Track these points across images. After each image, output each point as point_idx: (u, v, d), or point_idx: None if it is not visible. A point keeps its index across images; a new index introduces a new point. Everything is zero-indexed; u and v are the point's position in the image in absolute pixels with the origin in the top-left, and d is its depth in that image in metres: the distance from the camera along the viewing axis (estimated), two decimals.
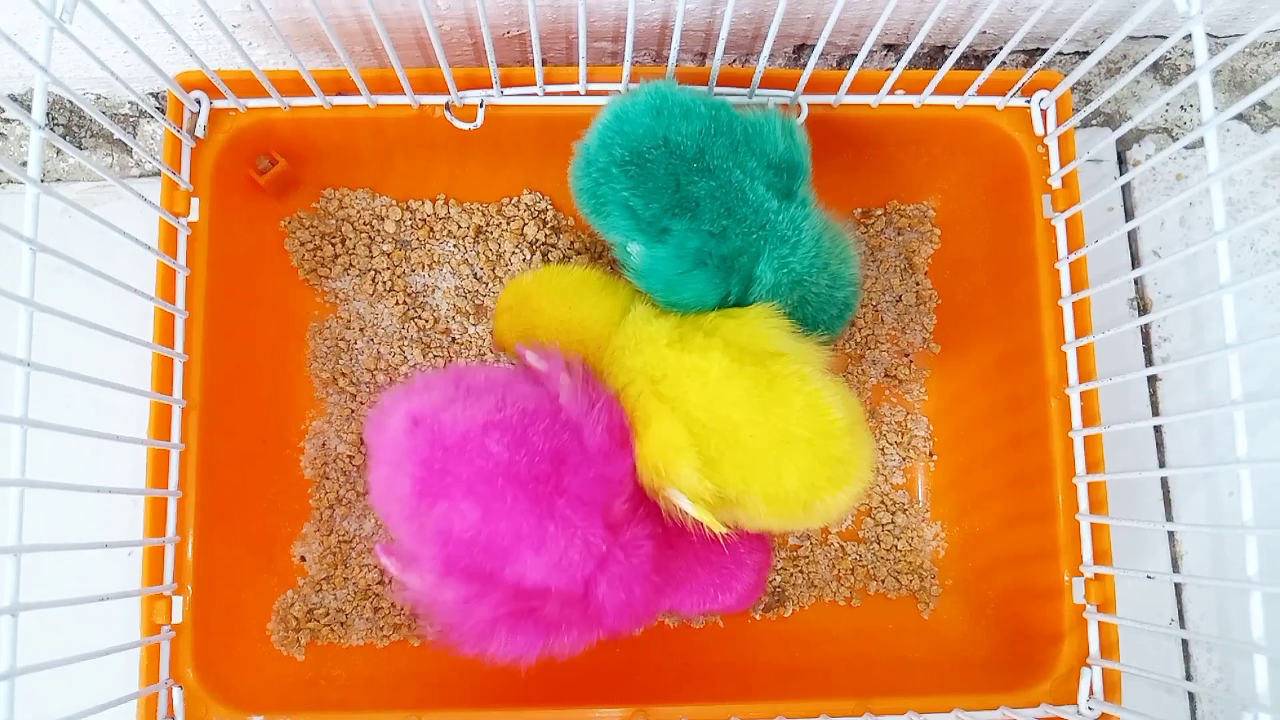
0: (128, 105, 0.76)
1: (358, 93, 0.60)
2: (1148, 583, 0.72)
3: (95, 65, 0.51)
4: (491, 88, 0.60)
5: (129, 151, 0.75)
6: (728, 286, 0.57)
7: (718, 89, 0.61)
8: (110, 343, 0.52)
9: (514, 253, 0.71)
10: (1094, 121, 0.79)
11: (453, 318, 0.71)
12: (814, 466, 0.52)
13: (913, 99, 0.63)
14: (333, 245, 0.70)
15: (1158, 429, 0.75)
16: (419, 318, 0.71)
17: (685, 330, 0.56)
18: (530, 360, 0.55)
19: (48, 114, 0.70)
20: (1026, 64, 0.77)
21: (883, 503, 0.71)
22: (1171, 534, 0.74)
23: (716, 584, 0.60)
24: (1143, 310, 0.76)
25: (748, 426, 0.52)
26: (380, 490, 0.53)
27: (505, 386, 0.53)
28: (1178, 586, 0.73)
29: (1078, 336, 0.61)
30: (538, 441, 0.50)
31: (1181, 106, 0.79)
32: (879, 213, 0.74)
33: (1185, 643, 0.72)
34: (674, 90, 0.55)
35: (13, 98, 0.72)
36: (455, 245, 0.72)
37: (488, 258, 0.71)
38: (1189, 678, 0.72)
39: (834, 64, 0.76)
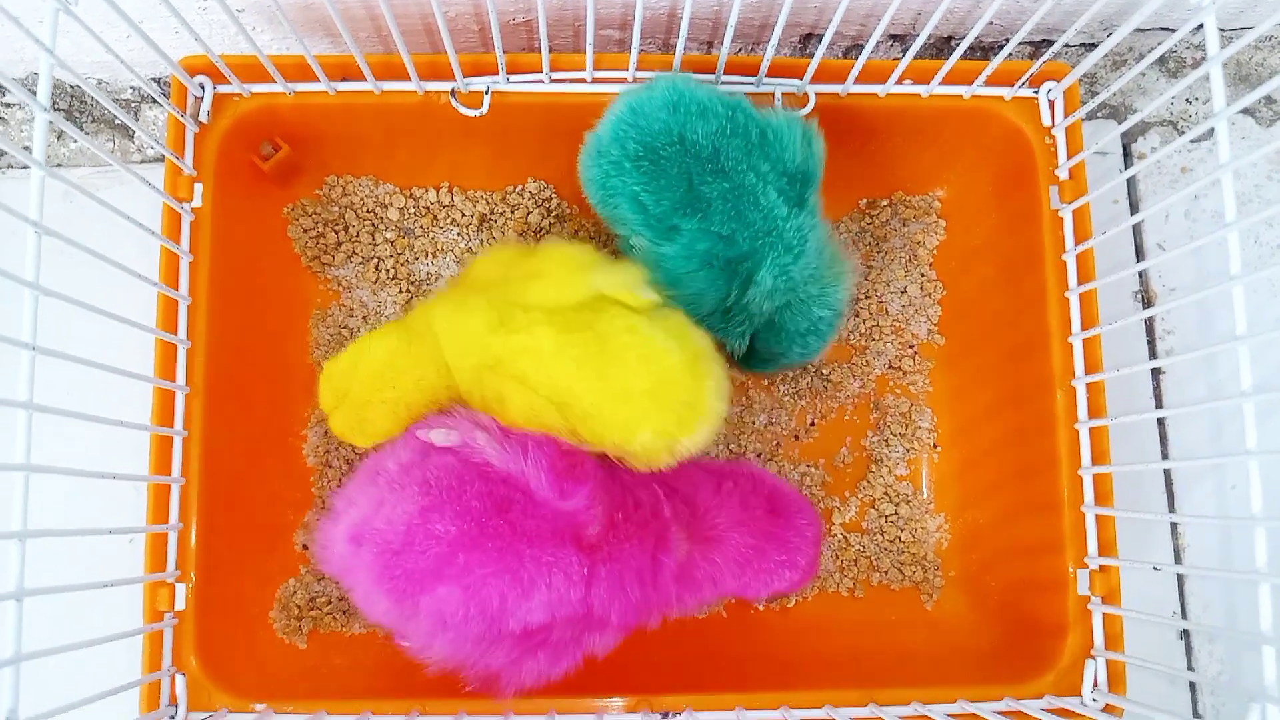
0: (129, 90, 0.76)
1: (363, 78, 0.59)
2: (1148, 575, 0.72)
3: (97, 49, 0.51)
4: (497, 74, 0.60)
5: (130, 136, 0.75)
6: (729, 288, 0.57)
7: (725, 77, 0.61)
8: (113, 328, 0.51)
9: (518, 241, 0.71)
10: (1099, 114, 0.78)
11: None
12: (661, 415, 0.52)
13: (920, 89, 0.63)
14: (336, 232, 0.70)
15: (1161, 421, 0.75)
16: None
17: (502, 311, 0.54)
18: (438, 441, 0.54)
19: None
20: (1034, 55, 0.76)
21: (886, 494, 0.71)
22: (1174, 526, 0.74)
23: (783, 560, 0.60)
24: (1147, 303, 0.76)
25: (589, 394, 0.52)
26: (366, 609, 0.53)
27: (422, 465, 0.52)
28: (1179, 578, 0.73)
29: (1084, 329, 0.61)
30: (476, 504, 0.50)
31: (1187, 100, 0.79)
32: (884, 203, 0.74)
33: (1187, 634, 0.72)
34: (691, 86, 0.55)
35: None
36: (459, 233, 0.71)
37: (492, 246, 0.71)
38: (1191, 668, 0.72)
39: (841, 54, 0.76)
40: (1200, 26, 0.51)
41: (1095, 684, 0.58)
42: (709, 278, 0.56)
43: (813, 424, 0.72)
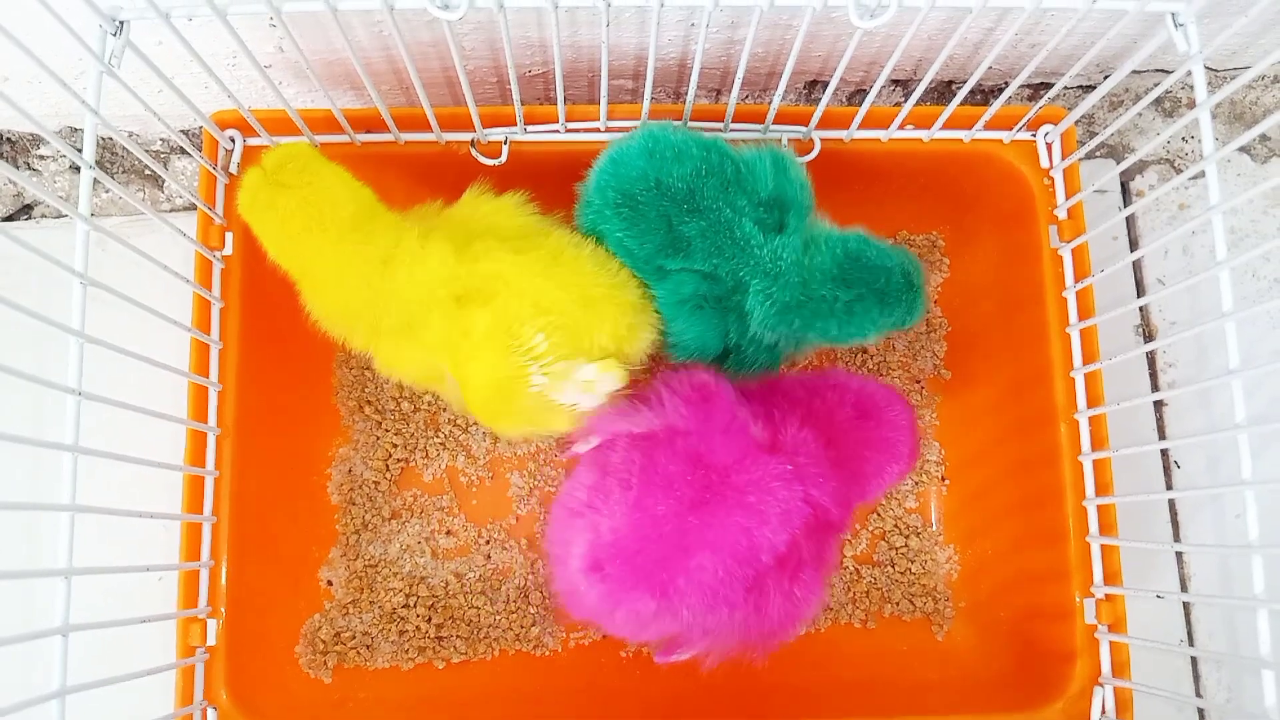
0: (159, 141, 0.78)
1: (386, 130, 0.62)
2: (1158, 603, 0.73)
3: (130, 102, 0.53)
4: (515, 125, 0.63)
5: (160, 186, 0.78)
6: (726, 326, 0.59)
7: (733, 125, 0.63)
8: (144, 371, 0.53)
9: None
10: (1098, 154, 0.80)
11: None
12: (617, 317, 0.56)
13: (922, 134, 0.65)
14: None
15: (1165, 452, 0.76)
16: None
17: (459, 242, 0.55)
18: (584, 449, 0.56)
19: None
20: (1032, 98, 0.79)
21: (896, 526, 0.73)
22: (1180, 555, 0.75)
23: (884, 458, 0.59)
24: (1148, 337, 0.78)
25: (557, 306, 0.54)
26: (638, 629, 0.53)
27: (603, 473, 0.54)
28: (1186, 606, 0.74)
29: (1085, 363, 0.62)
30: (674, 468, 0.51)
31: (1184, 138, 0.81)
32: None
33: (1195, 661, 0.73)
34: (667, 132, 0.57)
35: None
36: None
37: None
38: (1199, 696, 0.73)
39: (844, 99, 0.79)
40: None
41: (1103, 711, 0.59)
42: (703, 320, 0.58)
43: None
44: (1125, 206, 0.77)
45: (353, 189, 0.56)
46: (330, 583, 0.70)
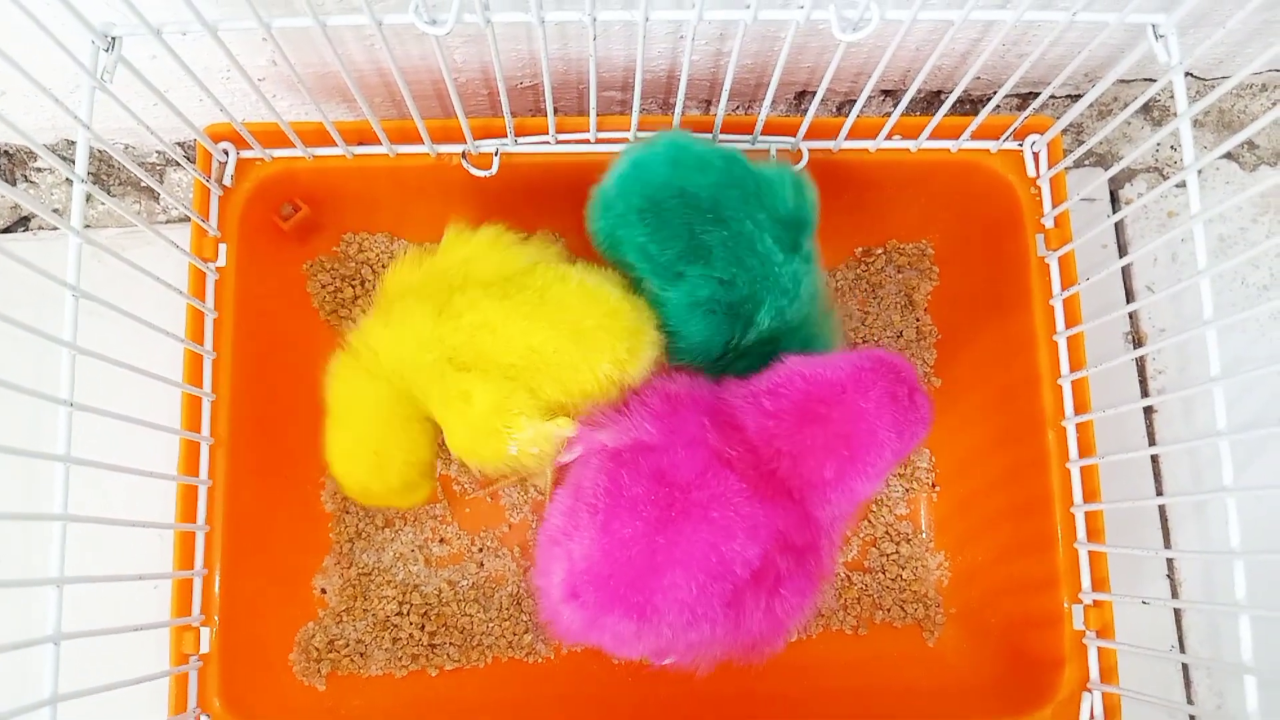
0: (155, 154, 0.79)
1: (378, 142, 0.63)
2: (1150, 609, 0.74)
3: (125, 116, 0.54)
4: (506, 137, 0.63)
5: (155, 198, 0.78)
6: (732, 331, 0.59)
7: (722, 135, 0.64)
8: (138, 382, 0.54)
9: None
10: (1087, 161, 0.81)
11: None
12: (615, 345, 0.56)
13: (909, 144, 0.65)
14: (353, 287, 0.73)
15: (1155, 459, 0.76)
16: None
17: (438, 302, 0.57)
18: (569, 457, 0.57)
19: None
20: (1020, 107, 0.79)
21: (887, 533, 0.73)
22: (1171, 561, 0.75)
23: (854, 455, 0.53)
24: (1137, 344, 0.78)
25: (549, 344, 0.55)
26: (622, 645, 0.53)
27: (574, 498, 0.55)
28: (1177, 612, 0.74)
29: (1072, 370, 0.63)
30: (639, 489, 0.52)
31: (1171, 146, 0.82)
32: (879, 251, 0.77)
33: (1185, 667, 0.73)
34: (691, 142, 0.58)
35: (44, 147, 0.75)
36: None
37: None
38: (1190, 702, 0.73)
39: (834, 109, 0.79)
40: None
41: (1092, 716, 0.59)
42: (713, 323, 0.59)
43: None
44: (1114, 214, 0.77)
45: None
46: (324, 591, 0.70)
